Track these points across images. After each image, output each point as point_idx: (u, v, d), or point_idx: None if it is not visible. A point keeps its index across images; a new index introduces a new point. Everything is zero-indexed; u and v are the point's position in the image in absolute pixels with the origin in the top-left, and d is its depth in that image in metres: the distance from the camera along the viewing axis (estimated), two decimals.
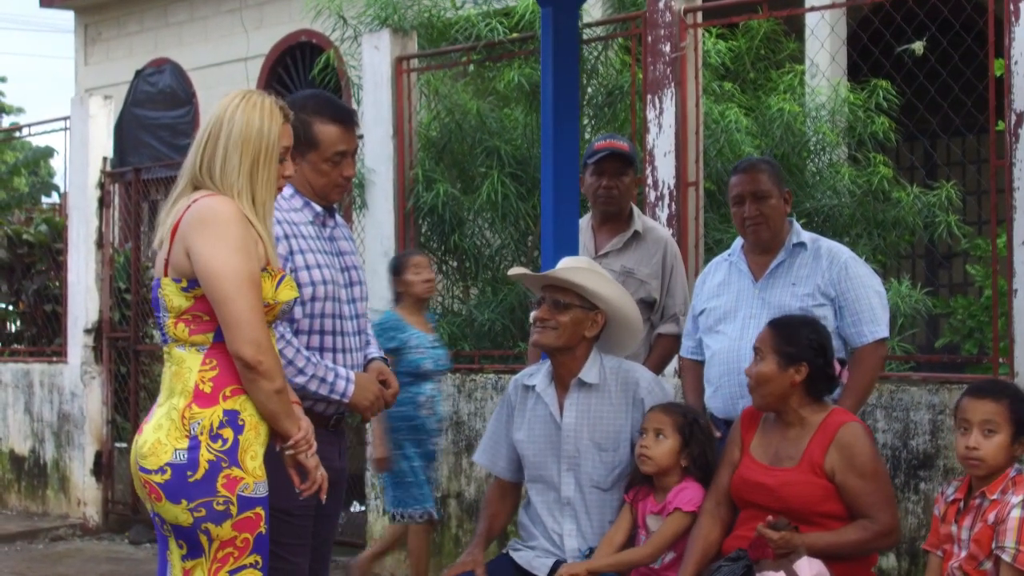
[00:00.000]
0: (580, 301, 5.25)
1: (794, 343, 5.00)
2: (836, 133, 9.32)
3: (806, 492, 4.87)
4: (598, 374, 5.33)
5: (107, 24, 18.47)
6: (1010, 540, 4.41)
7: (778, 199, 5.87)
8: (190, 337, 4.13)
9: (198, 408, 4.05)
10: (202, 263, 4.06)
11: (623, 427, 5.29)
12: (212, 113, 4.26)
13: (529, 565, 5.33)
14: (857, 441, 4.92)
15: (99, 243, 11.77)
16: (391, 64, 9.47)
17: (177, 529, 4.07)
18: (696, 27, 8.10)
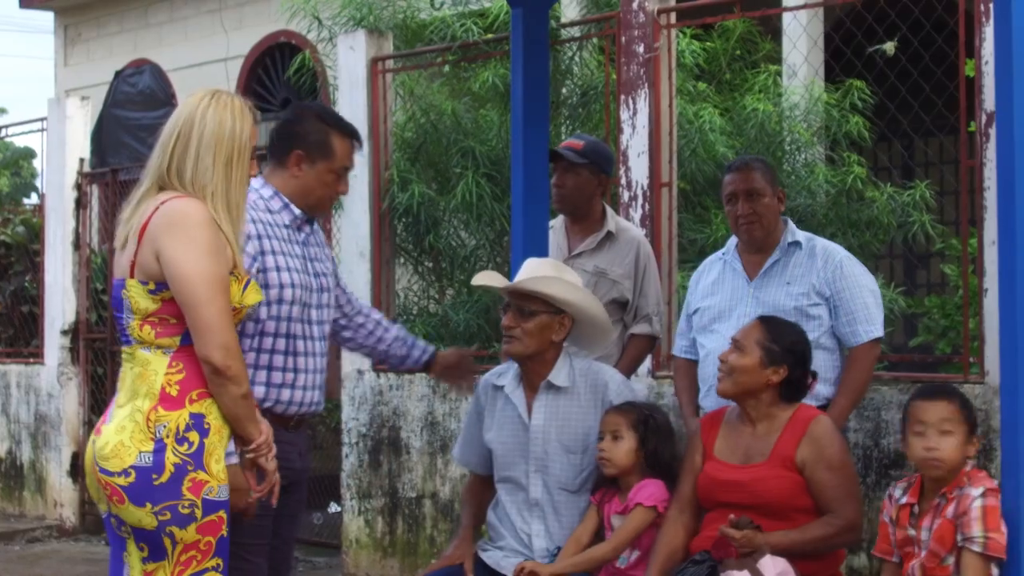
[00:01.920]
0: (546, 306, 5.23)
1: (780, 343, 5.01)
2: (811, 133, 9.33)
3: (779, 486, 4.88)
4: (567, 376, 5.32)
5: (87, 25, 18.45)
6: (977, 530, 4.42)
7: (771, 198, 5.88)
8: (156, 340, 4.10)
9: (164, 411, 4.03)
10: (173, 266, 4.04)
11: (591, 429, 5.27)
12: (179, 113, 4.22)
13: (497, 565, 5.31)
14: (828, 434, 4.94)
15: (76, 244, 11.78)
16: (366, 65, 9.46)
17: (139, 532, 4.05)
18: (670, 28, 8.10)
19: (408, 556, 8.79)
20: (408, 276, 10.21)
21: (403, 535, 8.91)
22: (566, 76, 9.47)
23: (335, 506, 10.18)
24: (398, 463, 8.97)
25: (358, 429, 9.38)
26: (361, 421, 9.34)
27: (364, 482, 9.33)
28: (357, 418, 9.37)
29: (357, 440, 9.40)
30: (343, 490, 9.51)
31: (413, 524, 8.69)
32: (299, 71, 11.72)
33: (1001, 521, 4.42)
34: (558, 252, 6.38)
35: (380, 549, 9.04)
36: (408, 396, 8.83)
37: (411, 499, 8.86)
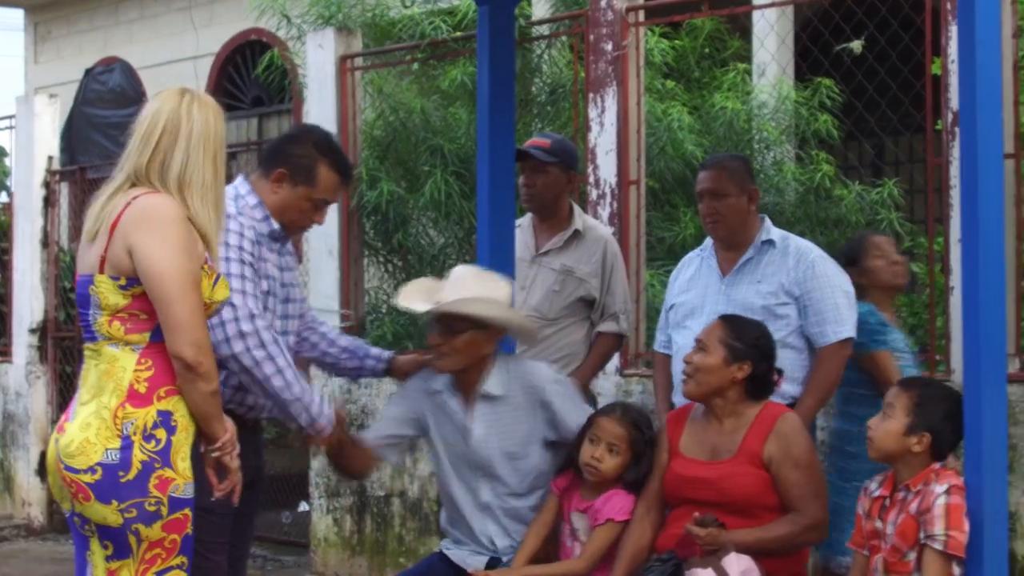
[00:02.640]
0: (472, 323, 5.13)
1: (743, 340, 5.00)
2: (779, 131, 9.34)
3: (746, 484, 4.87)
4: (502, 384, 5.25)
5: (57, 22, 18.41)
6: (939, 527, 4.42)
7: (737, 197, 5.86)
8: (126, 336, 4.07)
9: (132, 408, 4.00)
10: (146, 263, 4.01)
11: (532, 433, 5.25)
12: (158, 111, 4.17)
13: (463, 562, 5.30)
14: (795, 432, 4.93)
15: (44, 242, 11.78)
16: (335, 63, 9.46)
17: (104, 530, 4.03)
18: (638, 26, 8.12)
19: (376, 555, 8.79)
20: (377, 274, 10.20)
21: (371, 533, 8.91)
22: (535, 74, 9.47)
23: (304, 505, 10.17)
24: None
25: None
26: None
27: (333, 481, 9.32)
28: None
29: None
30: (312, 489, 9.52)
31: (381, 523, 8.69)
32: (268, 69, 11.70)
33: (964, 520, 4.42)
34: (525, 250, 6.38)
35: (348, 547, 9.03)
36: (376, 395, 8.82)
37: (379, 498, 8.86)
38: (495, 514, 5.26)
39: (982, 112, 4.43)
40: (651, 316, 8.09)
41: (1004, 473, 4.53)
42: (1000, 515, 4.49)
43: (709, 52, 9.89)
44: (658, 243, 8.69)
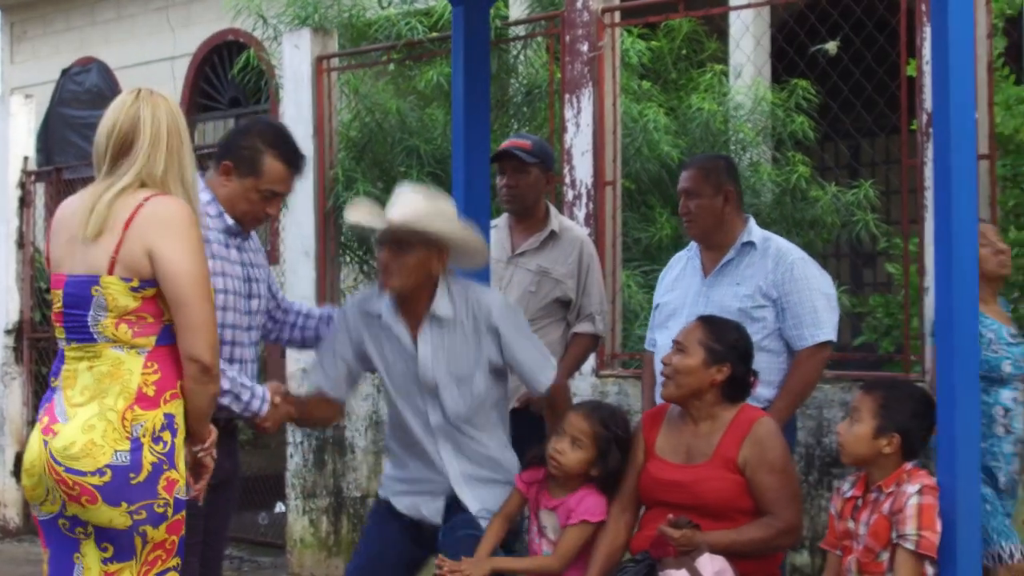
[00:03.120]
0: (424, 241, 5.02)
1: (722, 342, 4.99)
2: (755, 132, 9.35)
3: (720, 488, 4.85)
4: (450, 306, 5.15)
5: (33, 22, 18.37)
6: (911, 527, 4.44)
7: (711, 198, 5.84)
8: (132, 339, 4.06)
9: (141, 410, 4.00)
10: (170, 266, 4.03)
11: (478, 357, 5.16)
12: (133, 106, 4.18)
13: (418, 512, 5.22)
14: (771, 436, 4.92)
15: (20, 243, 11.75)
16: (311, 63, 9.46)
17: (104, 532, 4.01)
18: (614, 27, 8.13)
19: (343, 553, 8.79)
20: (354, 275, 10.20)
21: (348, 534, 8.90)
22: (511, 74, 9.48)
23: (280, 506, 10.16)
24: (342, 463, 8.96)
25: (302, 431, 9.35)
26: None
27: (309, 482, 9.32)
28: None
29: (302, 440, 9.38)
30: (288, 490, 9.51)
31: (358, 523, 8.67)
32: (245, 69, 11.69)
33: (936, 520, 4.43)
34: (501, 251, 6.38)
35: (325, 548, 9.02)
36: (352, 395, 8.80)
37: (355, 498, 8.85)
38: (447, 435, 5.16)
39: (956, 113, 4.44)
40: (627, 317, 8.11)
41: (977, 473, 4.54)
42: (973, 515, 4.49)
43: (685, 53, 9.91)
44: (634, 244, 8.70)
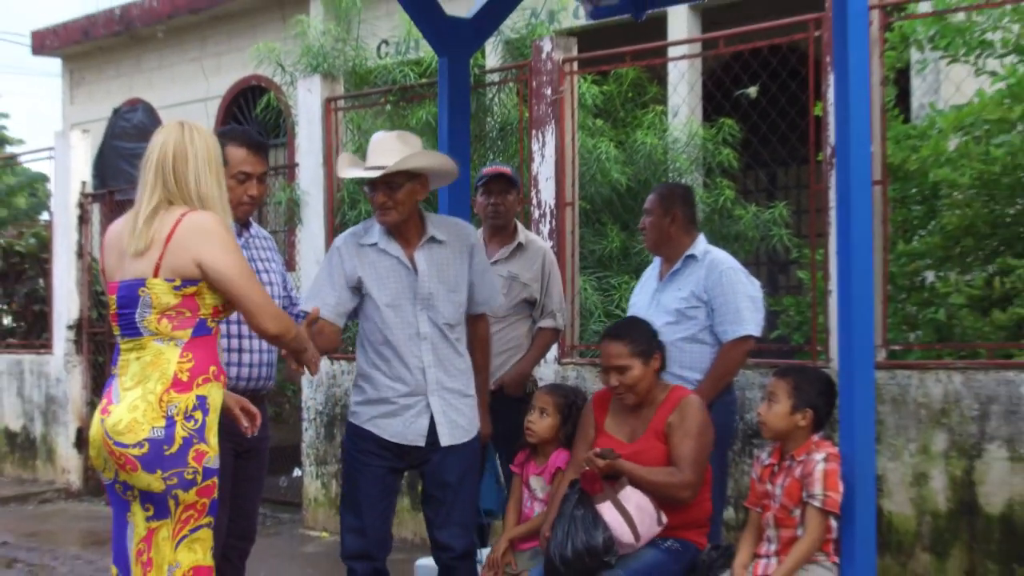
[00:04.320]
0: (407, 176, 5.01)
1: (641, 340, 4.98)
2: (689, 162, 9.37)
3: (654, 456, 4.85)
4: (442, 232, 5.16)
5: (89, 70, 18.31)
6: (818, 488, 4.46)
7: (660, 218, 5.95)
8: (172, 332, 4.06)
9: (176, 393, 4.00)
10: (218, 268, 4.05)
11: (463, 271, 5.17)
12: (171, 137, 4.17)
13: (400, 436, 5.08)
14: (694, 409, 4.91)
15: (79, 253, 11.75)
16: (321, 104, 9.44)
17: (147, 495, 4.02)
18: (572, 74, 8.13)
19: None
20: None
21: None
22: (487, 114, 9.46)
23: (298, 471, 10.15)
24: None
25: (315, 407, 9.35)
26: (318, 400, 9.32)
27: (321, 451, 9.30)
28: (315, 398, 9.34)
29: (315, 416, 9.37)
30: (304, 458, 9.50)
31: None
32: (266, 109, 11.67)
33: (839, 482, 4.45)
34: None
35: (334, 507, 8.99)
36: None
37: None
38: (430, 342, 5.07)
39: (855, 146, 4.46)
40: (583, 314, 8.12)
41: (872, 443, 4.57)
42: (869, 477, 4.52)
43: (631, 96, 9.91)
44: (589, 254, 8.71)
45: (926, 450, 6.55)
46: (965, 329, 6.92)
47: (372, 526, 5.11)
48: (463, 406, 5.12)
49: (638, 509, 4.66)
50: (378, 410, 5.10)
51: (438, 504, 5.12)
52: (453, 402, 5.09)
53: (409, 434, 5.06)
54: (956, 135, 7.40)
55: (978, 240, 7.24)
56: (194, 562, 4.09)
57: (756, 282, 5.98)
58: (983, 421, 6.38)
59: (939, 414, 6.51)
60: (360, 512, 5.10)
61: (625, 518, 4.63)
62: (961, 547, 6.45)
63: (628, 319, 5.33)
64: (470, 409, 5.16)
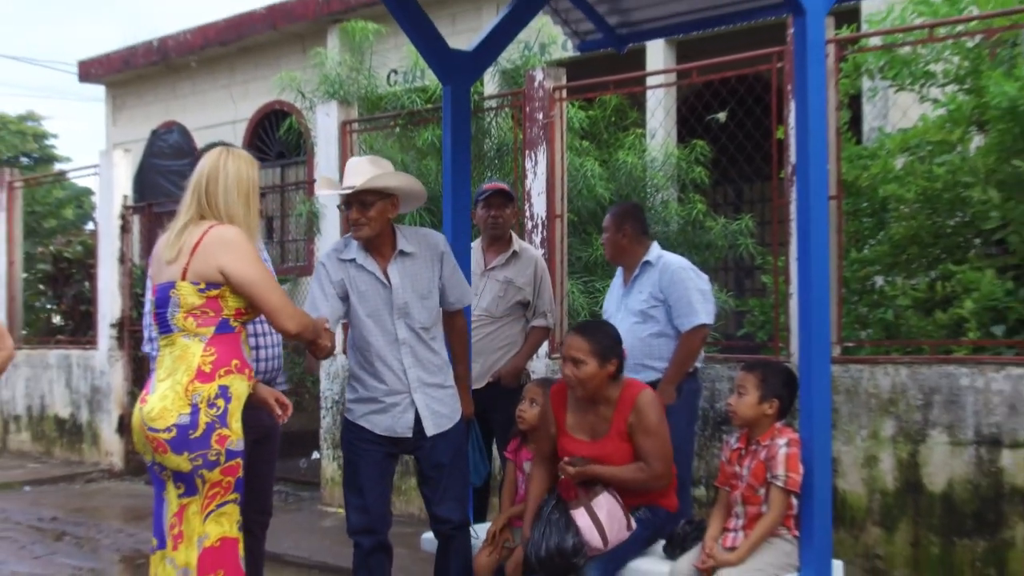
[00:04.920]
0: (379, 195, 4.97)
1: (603, 342, 4.85)
2: (666, 179, 9.38)
3: (620, 456, 4.79)
4: (411, 244, 5.11)
5: (129, 96, 18.29)
6: (781, 470, 4.47)
7: (613, 233, 6.11)
8: (197, 329, 4.08)
9: (199, 384, 4.02)
10: (240, 275, 4.08)
11: (434, 278, 5.12)
12: (209, 162, 4.23)
13: (391, 430, 5.05)
14: (648, 406, 4.81)
15: (121, 259, 11.74)
16: (338, 127, 9.44)
17: (177, 474, 4.04)
18: (562, 100, 8.14)
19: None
20: None
21: None
22: (486, 136, 9.46)
23: (316, 454, 10.15)
24: None
25: (332, 397, 9.34)
26: (334, 391, 9.31)
27: (337, 436, 9.29)
28: (331, 388, 9.34)
29: (331, 405, 9.36)
30: (321, 442, 9.50)
31: None
32: (288, 131, 11.68)
33: (800, 464, 4.46)
34: (477, 266, 6.37)
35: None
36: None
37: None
38: (408, 346, 5.03)
39: (813, 165, 4.47)
40: (571, 314, 8.11)
41: (828, 429, 4.57)
42: (826, 460, 4.52)
43: (614, 120, 9.91)
44: (577, 261, 8.70)
45: (876, 435, 6.56)
46: (910, 328, 6.93)
47: (374, 504, 5.09)
48: (443, 397, 5.10)
49: (608, 516, 4.64)
50: (369, 407, 5.08)
51: (434, 483, 5.11)
52: (434, 395, 5.07)
53: (398, 427, 5.04)
54: (902, 155, 7.41)
55: (922, 249, 7.25)
56: (221, 533, 4.10)
57: (704, 276, 6.05)
58: (926, 410, 6.39)
59: (887, 404, 6.52)
60: (362, 492, 5.08)
61: (596, 524, 4.61)
62: (907, 522, 6.46)
63: (598, 321, 5.31)
64: (451, 398, 5.13)
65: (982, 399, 6.21)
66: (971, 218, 7.02)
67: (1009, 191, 6.85)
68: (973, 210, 6.94)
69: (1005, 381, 6.16)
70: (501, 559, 5.08)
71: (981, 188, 6.84)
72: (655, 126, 10.02)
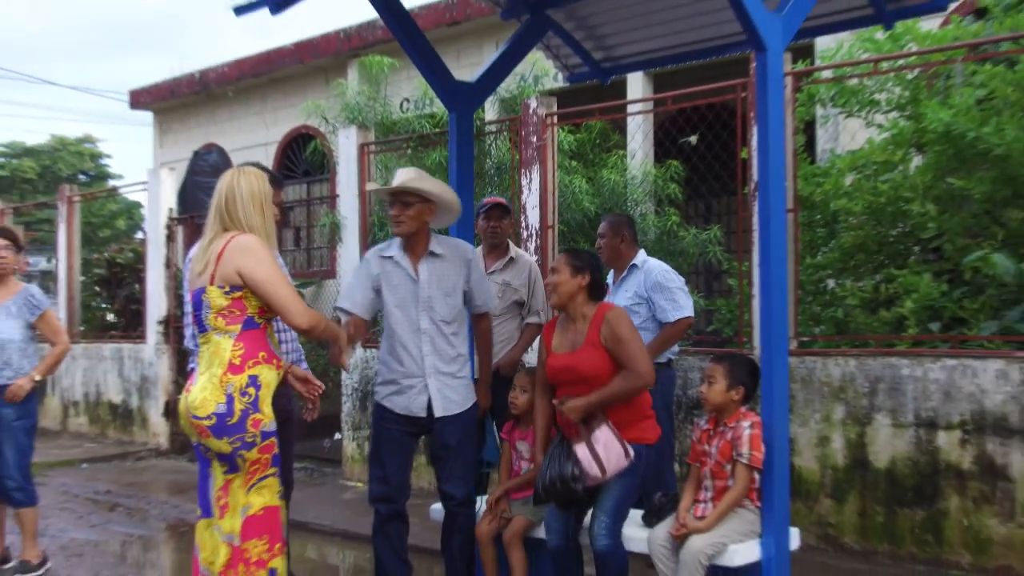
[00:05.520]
0: (419, 198, 5.05)
1: (580, 259, 4.86)
2: (644, 194, 9.38)
3: (592, 362, 4.71)
4: (441, 248, 5.17)
5: (174, 121, 18.27)
6: (745, 448, 4.46)
7: (611, 239, 6.13)
8: (226, 327, 4.09)
9: (231, 375, 4.02)
10: (253, 276, 4.08)
11: (459, 280, 5.15)
12: (225, 183, 4.26)
13: (407, 409, 5.09)
14: (616, 319, 4.75)
15: (166, 264, 11.72)
16: (357, 148, 9.44)
17: (220, 455, 4.06)
18: (553, 125, 8.14)
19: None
20: None
21: None
22: (487, 156, 9.47)
23: (338, 435, 10.13)
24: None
25: (352, 385, 9.34)
26: (354, 380, 9.31)
27: (356, 419, 9.29)
28: (352, 377, 9.33)
29: (352, 392, 9.36)
30: (343, 424, 9.48)
31: None
32: (313, 152, 11.69)
33: (762, 444, 4.46)
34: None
35: (367, 463, 8.99)
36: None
37: None
38: (428, 336, 5.07)
39: (773, 182, 4.46)
40: None
41: (787, 413, 4.57)
42: (784, 440, 4.52)
43: (599, 143, 9.92)
44: None
45: (828, 419, 6.57)
46: (858, 324, 6.94)
47: (393, 475, 5.10)
48: (456, 385, 5.09)
49: (605, 449, 4.61)
50: (390, 388, 5.12)
51: (442, 463, 5.12)
52: (447, 382, 5.06)
53: (413, 407, 5.07)
54: (851, 173, 7.43)
55: (868, 255, 7.26)
56: (263, 503, 4.11)
57: (681, 278, 6.10)
58: (872, 396, 6.40)
59: (838, 391, 6.53)
60: (383, 465, 5.10)
61: (594, 456, 4.60)
62: (855, 494, 6.47)
63: (582, 249, 5.21)
64: (463, 387, 5.12)
65: (920, 387, 6.23)
66: (911, 229, 7.04)
67: (944, 205, 6.87)
68: (913, 222, 6.95)
69: (940, 371, 6.17)
70: (500, 527, 5.08)
71: (920, 202, 6.86)
72: (635, 148, 10.03)
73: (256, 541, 4.07)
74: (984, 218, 6.71)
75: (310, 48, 15.23)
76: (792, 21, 4.56)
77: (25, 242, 7.19)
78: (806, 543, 6.48)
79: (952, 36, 7.43)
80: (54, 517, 8.22)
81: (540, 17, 6.05)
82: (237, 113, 17.10)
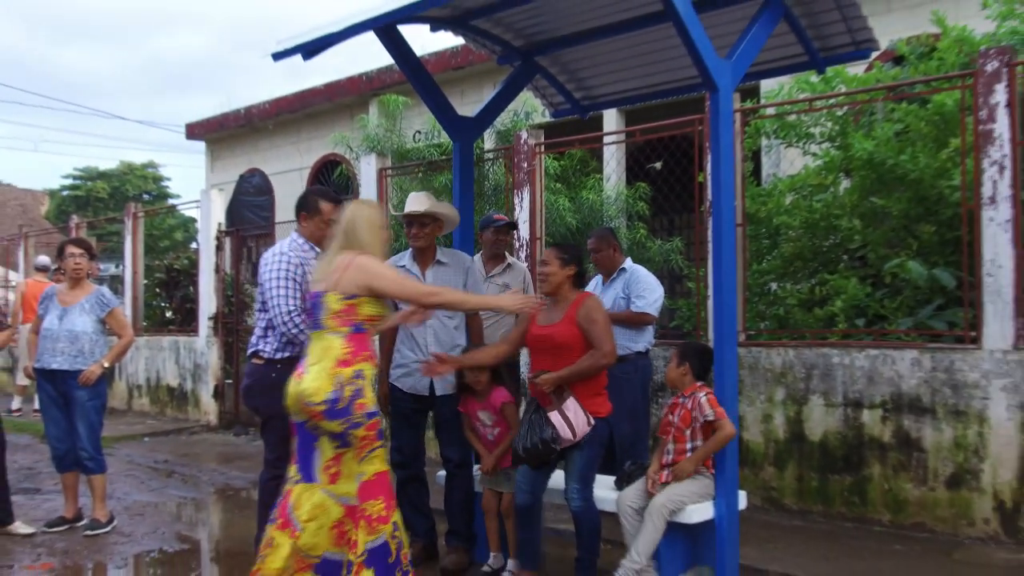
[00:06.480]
0: (432, 219, 5.22)
1: (568, 253, 4.82)
2: (617, 211, 9.38)
3: (566, 334, 4.67)
4: (446, 257, 5.30)
5: (223, 149, 18.27)
6: (708, 410, 4.46)
7: (604, 250, 6.18)
8: (338, 327, 4.09)
9: (341, 368, 4.01)
10: (381, 286, 4.12)
11: (459, 284, 5.24)
12: (350, 211, 4.28)
13: (414, 389, 5.20)
14: (593, 304, 4.73)
15: (216, 270, 11.66)
16: (376, 173, 9.42)
17: (332, 434, 4.03)
18: (541, 153, 8.13)
19: None
20: None
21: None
22: (485, 179, 9.47)
23: None
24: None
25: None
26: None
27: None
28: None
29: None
30: None
31: None
32: (339, 176, 11.68)
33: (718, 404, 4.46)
34: (480, 275, 6.36)
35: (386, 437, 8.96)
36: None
37: None
38: (432, 329, 5.17)
39: (724, 201, 4.48)
40: None
41: (736, 394, 4.58)
42: (734, 418, 4.52)
43: (579, 168, 9.91)
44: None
45: (771, 399, 6.57)
46: (796, 320, 6.95)
47: (405, 444, 5.25)
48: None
49: (574, 414, 4.59)
50: (401, 371, 5.25)
51: (442, 431, 5.23)
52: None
53: (418, 387, 5.20)
54: (790, 194, 7.44)
55: (805, 262, 7.27)
56: (375, 470, 4.09)
57: (661, 288, 6.09)
58: (808, 381, 6.41)
59: (779, 376, 6.54)
60: (399, 436, 5.23)
61: (566, 421, 4.60)
62: (794, 463, 6.47)
63: (571, 245, 5.20)
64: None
65: (848, 373, 6.23)
66: (840, 240, 7.05)
67: (868, 221, 6.88)
68: (842, 234, 6.97)
69: (865, 360, 6.18)
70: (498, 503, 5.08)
71: (848, 219, 6.88)
72: (609, 172, 10.03)
73: (373, 502, 4.05)
74: (901, 231, 6.73)
75: (338, 88, 15.23)
76: (740, 67, 4.58)
77: (97, 251, 7.18)
78: (752, 504, 6.50)
79: (875, 79, 7.45)
80: (120, 483, 8.20)
81: (530, 63, 6.08)
82: (276, 143, 17.08)
